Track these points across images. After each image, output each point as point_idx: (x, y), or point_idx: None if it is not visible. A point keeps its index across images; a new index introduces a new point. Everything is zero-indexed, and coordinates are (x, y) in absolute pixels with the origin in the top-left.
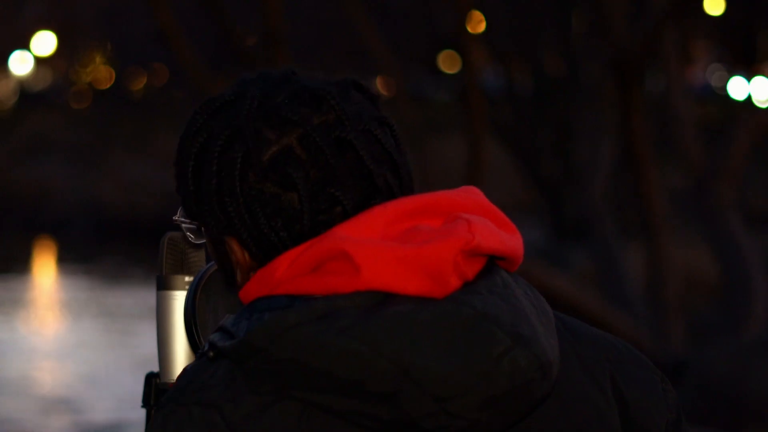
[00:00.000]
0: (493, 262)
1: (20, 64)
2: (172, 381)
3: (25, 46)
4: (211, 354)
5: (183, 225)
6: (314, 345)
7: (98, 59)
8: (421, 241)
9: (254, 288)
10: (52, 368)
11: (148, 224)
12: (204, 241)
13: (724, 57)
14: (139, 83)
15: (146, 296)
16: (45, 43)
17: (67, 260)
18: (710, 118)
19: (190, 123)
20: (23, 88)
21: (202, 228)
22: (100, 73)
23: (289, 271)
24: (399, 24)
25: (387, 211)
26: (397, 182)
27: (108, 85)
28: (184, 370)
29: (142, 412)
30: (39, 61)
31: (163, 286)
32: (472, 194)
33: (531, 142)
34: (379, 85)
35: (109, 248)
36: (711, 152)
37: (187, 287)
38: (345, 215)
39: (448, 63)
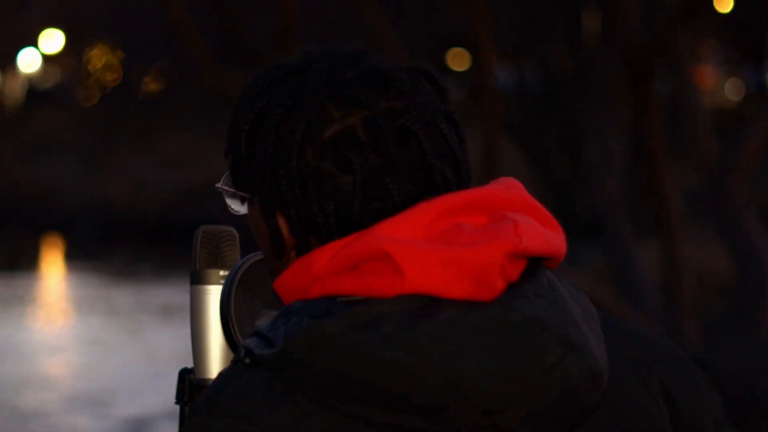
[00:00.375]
0: (537, 262)
1: (28, 62)
2: (207, 377)
3: (33, 43)
4: (248, 360)
5: (226, 194)
6: (357, 355)
7: (106, 57)
8: (467, 243)
9: (290, 280)
10: (67, 365)
11: (154, 222)
12: (244, 213)
13: (730, 56)
14: (147, 82)
15: (153, 293)
16: (53, 40)
17: (74, 258)
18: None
19: (250, 87)
20: (31, 85)
21: (247, 199)
22: (107, 71)
23: (327, 268)
24: (408, 21)
25: (432, 208)
26: (456, 179)
27: (115, 84)
28: (220, 375)
29: (165, 406)
30: (47, 58)
31: (197, 280)
32: (514, 189)
33: (541, 140)
34: None
35: (116, 246)
36: (725, 149)
37: (221, 282)
38: (395, 208)
39: (458, 61)
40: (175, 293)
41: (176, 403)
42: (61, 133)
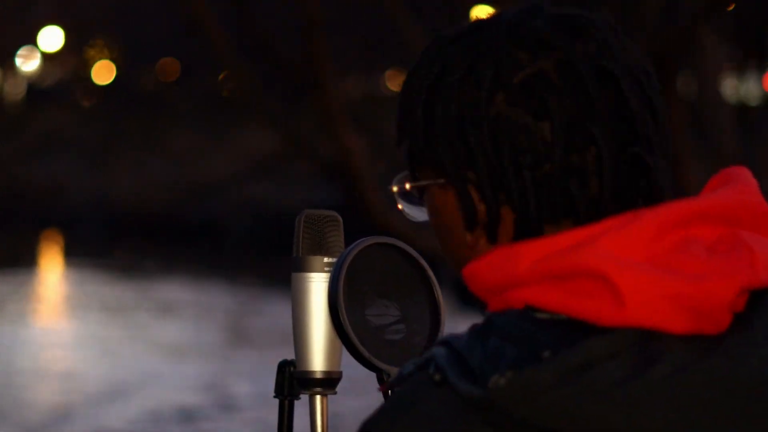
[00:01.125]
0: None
1: (27, 60)
2: (310, 369)
3: (32, 41)
4: (437, 377)
5: (401, 197)
6: (568, 412)
7: (107, 55)
8: (695, 275)
9: (485, 271)
10: (73, 361)
11: (156, 220)
12: (424, 219)
13: (732, 54)
14: (150, 79)
15: (155, 290)
16: (52, 38)
17: (76, 255)
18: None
19: (422, 57)
20: (31, 84)
21: (426, 186)
22: (109, 68)
23: (531, 271)
24: (430, 14)
25: (658, 220)
26: (656, 135)
27: (118, 81)
28: (403, 386)
29: (176, 400)
30: (46, 57)
31: (300, 267)
32: (747, 192)
33: None
34: (388, 80)
35: (118, 243)
36: (746, 146)
37: (325, 269)
38: (599, 161)
39: None
40: (177, 290)
41: (275, 396)
42: (64, 131)
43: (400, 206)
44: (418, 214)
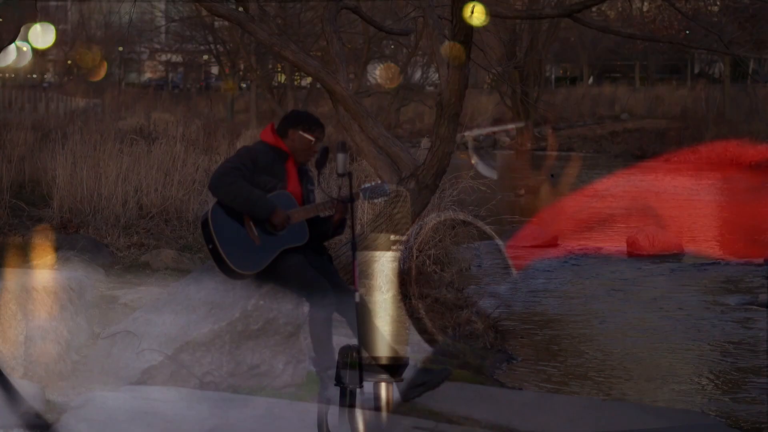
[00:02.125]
0: None
1: (20, 55)
2: (375, 356)
3: (24, 37)
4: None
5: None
6: None
7: (100, 51)
8: (738, 202)
9: (535, 227)
10: (85, 357)
11: (155, 216)
12: None
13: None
14: (146, 73)
15: (157, 286)
16: (45, 34)
17: (72, 252)
18: None
19: None
20: (25, 80)
21: None
22: (103, 63)
23: (573, 221)
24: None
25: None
26: None
27: (112, 75)
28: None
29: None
30: (40, 53)
31: (364, 246)
32: None
33: None
34: (380, 74)
35: (115, 240)
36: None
37: (392, 248)
38: None
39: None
40: (176, 286)
41: (336, 384)
42: (61, 127)
43: (473, 161)
44: (486, 170)
